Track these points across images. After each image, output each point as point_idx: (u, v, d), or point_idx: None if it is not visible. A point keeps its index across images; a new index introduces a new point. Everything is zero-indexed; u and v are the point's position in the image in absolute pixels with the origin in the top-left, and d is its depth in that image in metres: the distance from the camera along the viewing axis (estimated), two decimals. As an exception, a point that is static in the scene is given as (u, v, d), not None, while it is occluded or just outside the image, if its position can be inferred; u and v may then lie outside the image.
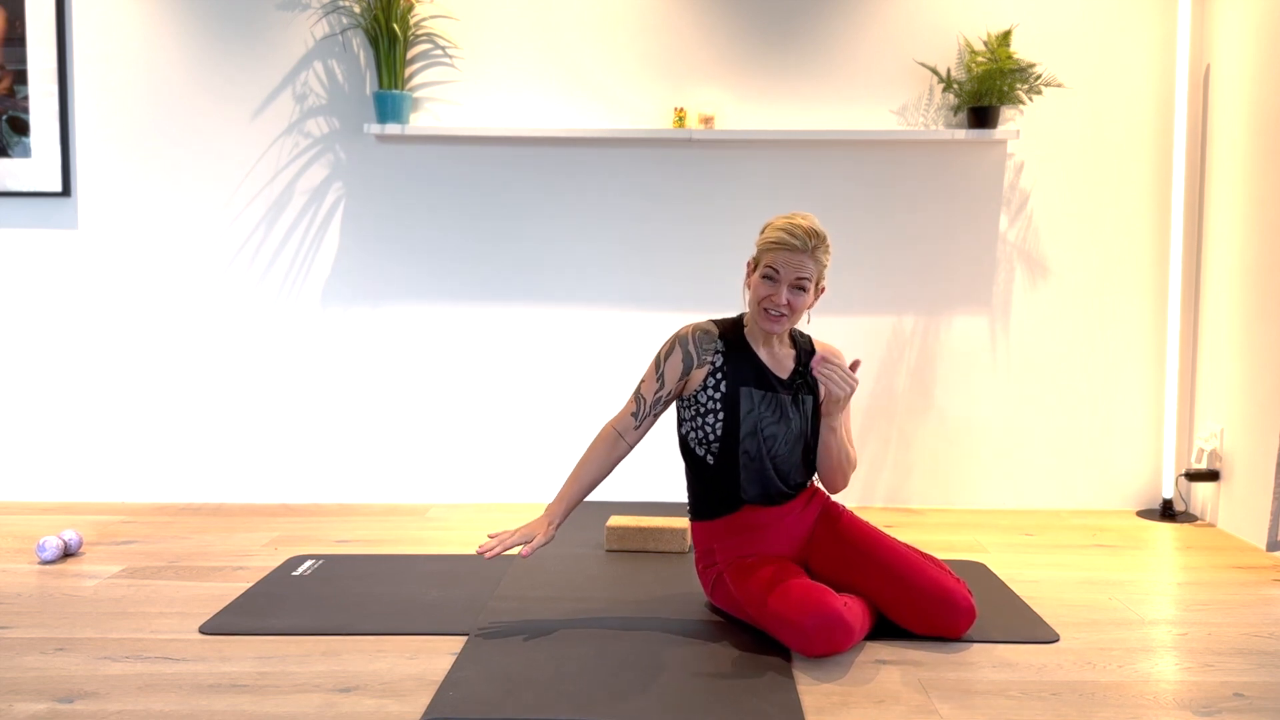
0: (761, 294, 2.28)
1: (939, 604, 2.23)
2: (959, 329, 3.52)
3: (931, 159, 3.48)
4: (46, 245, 3.54)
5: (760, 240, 2.31)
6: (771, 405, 2.34)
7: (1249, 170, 3.15)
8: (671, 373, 2.33)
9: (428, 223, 3.52)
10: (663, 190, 3.50)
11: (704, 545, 2.40)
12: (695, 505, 2.42)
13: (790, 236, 2.24)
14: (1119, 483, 3.53)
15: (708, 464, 2.35)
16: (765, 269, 2.27)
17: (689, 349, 2.32)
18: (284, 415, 3.58)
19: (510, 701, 1.93)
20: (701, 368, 2.32)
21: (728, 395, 2.31)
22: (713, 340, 2.34)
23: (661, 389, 2.33)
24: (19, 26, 3.45)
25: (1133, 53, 3.42)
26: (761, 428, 2.32)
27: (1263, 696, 2.00)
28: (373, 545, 3.03)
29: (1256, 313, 3.10)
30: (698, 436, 2.35)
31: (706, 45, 3.46)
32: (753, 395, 2.32)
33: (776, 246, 2.25)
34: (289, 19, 3.47)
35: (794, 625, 2.11)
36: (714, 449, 2.34)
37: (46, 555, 2.83)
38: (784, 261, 2.24)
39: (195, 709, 1.92)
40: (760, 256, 2.30)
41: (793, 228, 2.25)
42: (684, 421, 2.38)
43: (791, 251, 2.24)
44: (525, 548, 2.26)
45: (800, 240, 2.24)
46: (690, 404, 2.35)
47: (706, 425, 2.33)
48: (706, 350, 2.33)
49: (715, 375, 2.32)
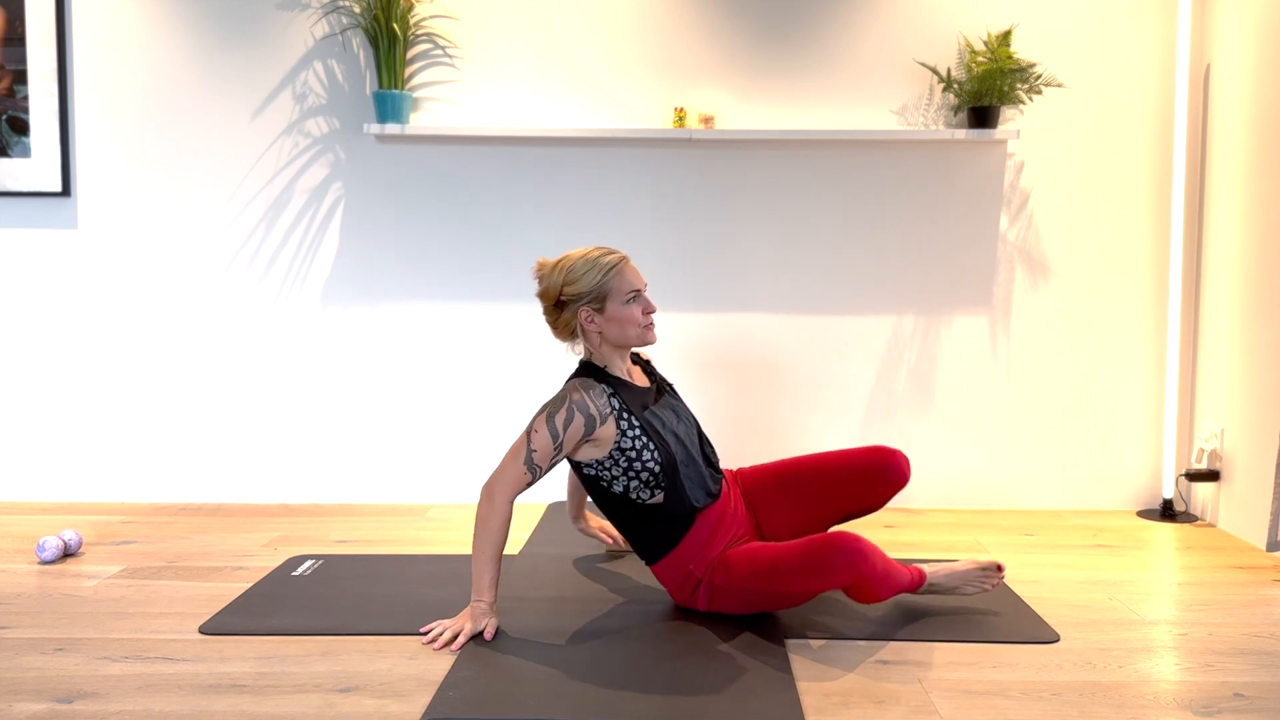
0: (637, 317, 2.34)
1: (874, 461, 2.43)
2: (959, 329, 3.52)
3: (931, 159, 3.48)
4: (46, 245, 3.54)
5: (592, 279, 2.32)
6: (667, 411, 2.40)
7: (1249, 170, 3.15)
8: (572, 438, 2.25)
9: (428, 223, 3.52)
10: (663, 190, 3.50)
11: (677, 575, 2.37)
12: (651, 548, 2.37)
13: (614, 254, 2.34)
14: (1119, 483, 3.53)
15: (657, 502, 2.33)
16: (627, 295, 2.33)
17: (589, 411, 2.25)
18: (284, 415, 3.58)
19: (510, 701, 1.93)
20: (607, 421, 2.27)
21: (644, 425, 2.32)
22: (600, 390, 2.30)
23: (558, 455, 2.27)
24: (19, 26, 3.45)
25: (1133, 53, 3.42)
26: (678, 435, 2.37)
27: (1263, 696, 2.00)
28: (373, 545, 3.03)
29: (1256, 313, 3.10)
30: (642, 480, 2.30)
31: (706, 45, 3.47)
32: (654, 413, 2.36)
33: (616, 269, 2.33)
34: (289, 19, 3.47)
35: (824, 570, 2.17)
36: (661, 481, 2.31)
37: (46, 555, 2.83)
38: (632, 275, 2.35)
39: (195, 709, 1.92)
40: (606, 290, 2.32)
41: (603, 250, 2.35)
42: (615, 479, 2.31)
43: (627, 264, 2.35)
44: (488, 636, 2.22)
45: (618, 252, 2.36)
46: (615, 459, 2.29)
47: (645, 463, 2.29)
48: (602, 402, 2.28)
49: (622, 418, 2.30)
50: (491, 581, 2.27)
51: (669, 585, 2.41)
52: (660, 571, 2.40)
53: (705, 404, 3.52)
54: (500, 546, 2.26)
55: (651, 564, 2.41)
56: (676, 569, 2.36)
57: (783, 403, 3.53)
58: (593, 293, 2.32)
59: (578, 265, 2.33)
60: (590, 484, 2.37)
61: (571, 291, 2.33)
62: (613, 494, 2.35)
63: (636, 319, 2.34)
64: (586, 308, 2.34)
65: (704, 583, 2.34)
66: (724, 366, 3.54)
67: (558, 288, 2.35)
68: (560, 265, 2.36)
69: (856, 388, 3.54)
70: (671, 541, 2.34)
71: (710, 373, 3.53)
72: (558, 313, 2.39)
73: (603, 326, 2.35)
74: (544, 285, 2.39)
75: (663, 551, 2.36)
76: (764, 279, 3.52)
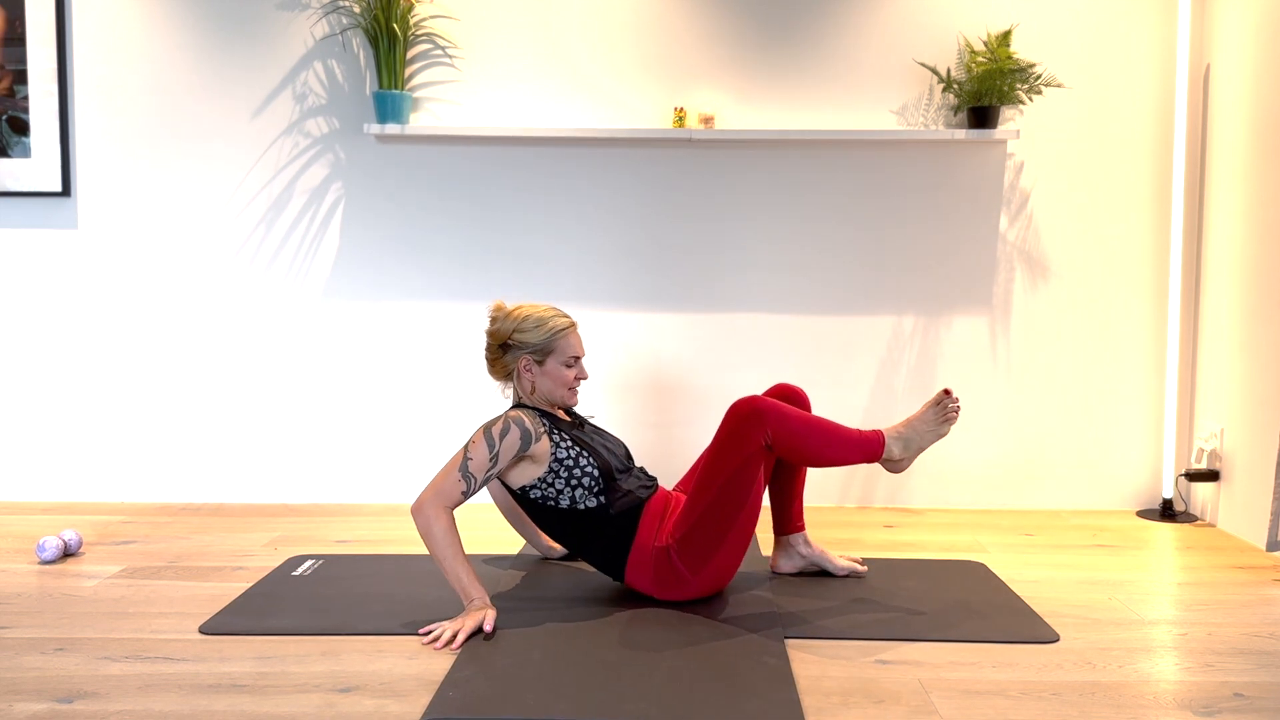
0: (569, 379, 2.52)
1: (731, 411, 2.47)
2: (959, 329, 3.53)
3: (931, 159, 3.48)
4: (46, 245, 3.54)
5: (540, 336, 2.50)
6: (593, 434, 2.58)
7: (1249, 170, 3.15)
8: (508, 450, 2.36)
9: (427, 222, 3.52)
10: (663, 190, 3.50)
11: (648, 563, 2.43)
12: (614, 556, 2.47)
13: (566, 319, 2.52)
14: (1119, 483, 3.53)
15: (602, 507, 2.43)
16: (568, 358, 2.51)
17: (526, 427, 2.39)
18: (284, 415, 3.58)
19: (510, 701, 1.93)
20: (541, 439, 2.41)
21: (574, 439, 2.47)
22: (535, 414, 2.46)
23: (494, 467, 2.36)
24: (19, 26, 3.45)
25: (1133, 53, 3.42)
26: (609, 447, 2.55)
27: (1263, 696, 2.00)
28: (373, 545, 3.03)
29: (1256, 313, 3.10)
30: (585, 486, 2.43)
31: (706, 45, 3.47)
32: (582, 433, 2.52)
33: (564, 333, 2.52)
34: (289, 19, 3.47)
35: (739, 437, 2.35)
36: (600, 484, 2.44)
37: (46, 555, 2.83)
38: (576, 343, 2.53)
39: (195, 709, 1.92)
40: (550, 347, 2.50)
41: (557, 313, 2.53)
42: (560, 493, 2.42)
43: (573, 331, 2.54)
44: (488, 627, 2.24)
45: (569, 319, 2.54)
46: (555, 471, 2.42)
47: (584, 469, 2.43)
48: (536, 421, 2.43)
49: (554, 433, 2.45)
50: (471, 579, 2.31)
51: (647, 581, 2.45)
52: (633, 574, 2.46)
53: (704, 404, 3.52)
54: (457, 547, 2.31)
55: (623, 575, 2.48)
56: (644, 558, 2.43)
57: (783, 403, 3.53)
58: (538, 346, 2.50)
59: (531, 318, 2.52)
60: (537, 509, 2.47)
61: (519, 339, 2.51)
62: (561, 510, 2.44)
63: (568, 380, 2.53)
64: (528, 357, 2.51)
65: (671, 548, 2.40)
66: (723, 366, 3.54)
67: (508, 332, 2.53)
68: (515, 314, 2.53)
69: (856, 388, 3.54)
70: (628, 537, 2.44)
71: (710, 373, 3.54)
72: (500, 354, 2.56)
73: (537, 378, 2.52)
74: (496, 326, 2.56)
75: (625, 550, 2.45)
76: (763, 279, 3.52)
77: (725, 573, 2.45)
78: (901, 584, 2.66)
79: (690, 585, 2.43)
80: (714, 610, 2.43)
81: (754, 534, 2.50)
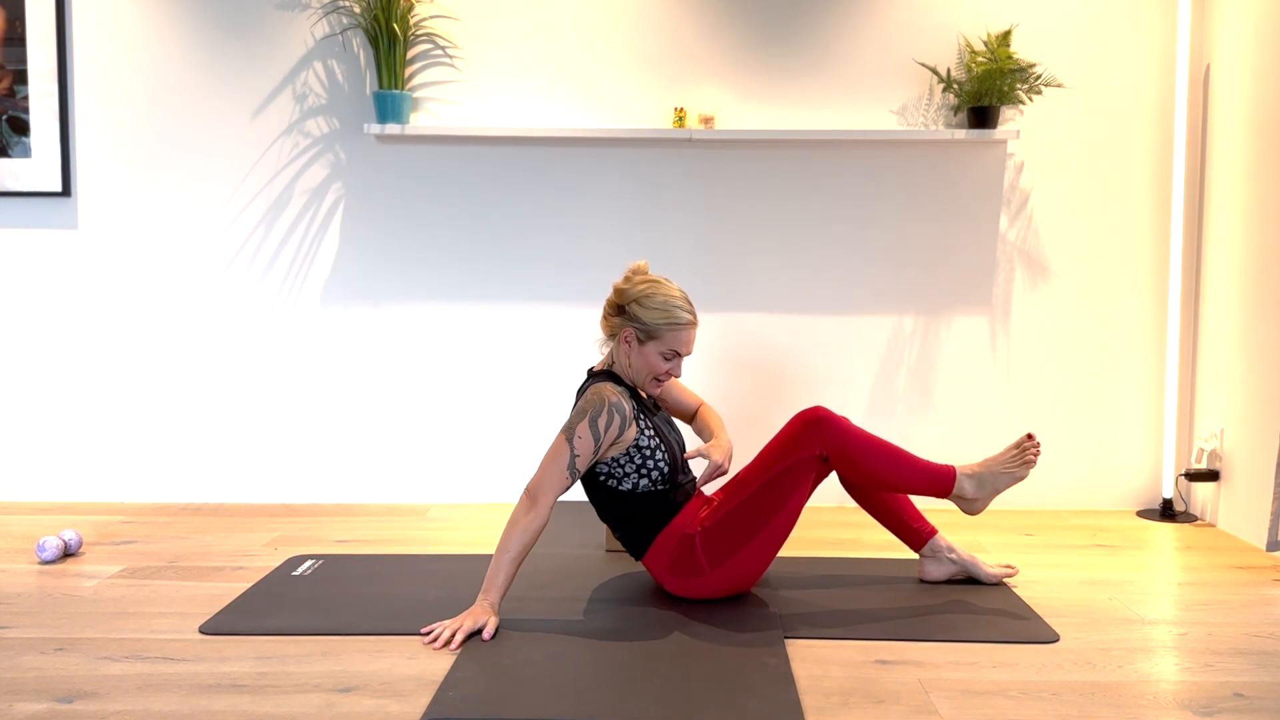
0: (660, 369, 2.46)
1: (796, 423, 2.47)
2: (959, 329, 3.53)
3: (931, 159, 3.48)
4: (46, 245, 3.54)
5: (655, 317, 2.43)
6: (664, 423, 2.58)
7: (1249, 170, 3.15)
8: (609, 439, 2.38)
9: (428, 223, 3.52)
10: (663, 190, 3.50)
11: (671, 548, 2.45)
12: (645, 534, 2.48)
13: (689, 314, 2.45)
14: (1119, 483, 3.53)
15: (659, 494, 2.46)
16: (667, 350, 2.44)
17: (625, 413, 2.39)
18: (284, 415, 3.58)
19: (510, 701, 1.93)
20: (630, 425, 2.41)
21: (656, 429, 2.49)
22: (626, 393, 2.46)
23: (595, 458, 2.38)
24: (19, 26, 3.45)
25: (1133, 53, 3.42)
26: (673, 443, 2.54)
27: (1263, 696, 2.00)
28: (373, 545, 3.03)
29: (1256, 313, 3.10)
30: (651, 479, 2.45)
31: (706, 45, 3.47)
32: (656, 420, 2.52)
33: (678, 327, 2.43)
34: (289, 19, 3.47)
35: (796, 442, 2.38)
36: (666, 477, 2.47)
37: (46, 555, 2.83)
38: (685, 340, 2.45)
39: (195, 709, 1.92)
40: (657, 333, 2.43)
41: (685, 303, 2.45)
42: (626, 477, 2.45)
43: (690, 329, 2.45)
44: (486, 635, 2.24)
45: (693, 315, 2.46)
46: (630, 456, 2.43)
47: (656, 463, 2.45)
48: (630, 403, 2.43)
49: (640, 421, 2.46)
50: (505, 582, 2.31)
51: (664, 566, 2.46)
52: (654, 554, 2.47)
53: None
54: (527, 550, 2.32)
55: (643, 554, 2.49)
56: (670, 542, 2.45)
57: (783, 403, 3.53)
58: (648, 326, 2.44)
59: (656, 297, 2.44)
60: (594, 483, 2.48)
61: (635, 311, 2.45)
62: (619, 491, 2.46)
63: (659, 370, 2.47)
64: (634, 331, 2.46)
65: (698, 535, 2.42)
66: (723, 366, 3.54)
67: (630, 298, 2.47)
68: (646, 286, 2.47)
69: (857, 388, 3.54)
70: (665, 519, 2.46)
71: (710, 373, 3.53)
72: (615, 313, 2.51)
73: (633, 354, 2.48)
74: (623, 288, 2.50)
75: (656, 531, 2.46)
76: (763, 279, 3.52)
77: (742, 577, 2.44)
78: (902, 584, 2.66)
79: (704, 579, 2.43)
80: (714, 610, 2.43)
81: (780, 549, 2.46)
